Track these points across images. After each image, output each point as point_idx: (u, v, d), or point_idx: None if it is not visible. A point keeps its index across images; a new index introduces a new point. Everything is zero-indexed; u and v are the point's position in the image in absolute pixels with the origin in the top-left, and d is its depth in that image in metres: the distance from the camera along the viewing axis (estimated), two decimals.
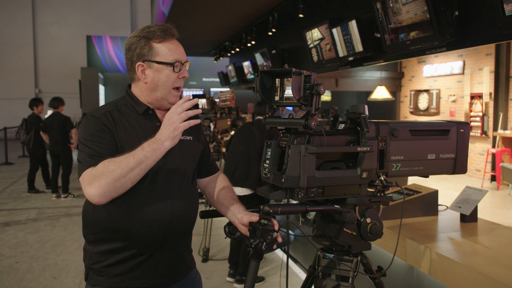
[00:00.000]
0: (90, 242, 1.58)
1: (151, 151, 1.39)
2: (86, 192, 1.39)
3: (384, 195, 1.50)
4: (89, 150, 1.45)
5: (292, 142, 1.33)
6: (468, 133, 1.58)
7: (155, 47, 1.55)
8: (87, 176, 1.39)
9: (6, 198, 7.40)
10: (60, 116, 7.36)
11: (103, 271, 1.54)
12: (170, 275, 1.62)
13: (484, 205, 6.75)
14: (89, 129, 1.51)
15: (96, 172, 1.38)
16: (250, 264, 1.44)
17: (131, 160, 1.38)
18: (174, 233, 1.59)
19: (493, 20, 3.48)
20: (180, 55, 1.57)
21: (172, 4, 8.26)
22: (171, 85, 1.56)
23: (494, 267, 1.64)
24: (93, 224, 1.55)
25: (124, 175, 1.37)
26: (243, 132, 4.03)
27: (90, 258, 1.57)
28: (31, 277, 4.00)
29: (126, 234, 1.51)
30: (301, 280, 1.69)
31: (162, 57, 1.54)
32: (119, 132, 1.52)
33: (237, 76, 11.68)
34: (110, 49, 19.47)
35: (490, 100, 8.98)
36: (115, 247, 1.52)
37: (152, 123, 1.59)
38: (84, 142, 1.49)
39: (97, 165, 1.40)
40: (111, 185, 1.36)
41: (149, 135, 1.51)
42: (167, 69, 1.54)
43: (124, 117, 1.57)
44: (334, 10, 6.32)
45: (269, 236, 1.41)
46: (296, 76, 1.28)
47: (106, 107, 1.59)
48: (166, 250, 1.59)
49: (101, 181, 1.36)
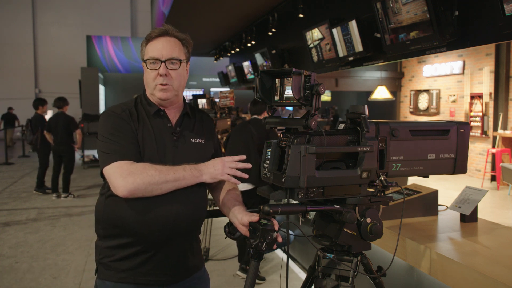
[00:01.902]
0: (100, 237, 1.63)
1: (190, 176, 1.50)
2: (116, 182, 1.44)
3: (384, 195, 1.50)
4: (117, 143, 1.50)
5: (292, 142, 1.33)
6: (468, 133, 1.58)
7: (146, 48, 1.63)
8: (122, 169, 1.45)
9: (6, 198, 7.39)
10: (64, 116, 7.37)
11: (111, 265, 1.58)
12: (174, 273, 1.64)
13: (484, 205, 6.75)
14: (112, 123, 1.55)
15: (135, 169, 1.44)
16: (250, 264, 1.44)
17: (171, 174, 1.47)
18: (178, 233, 1.61)
19: (493, 20, 3.48)
20: (157, 52, 1.59)
21: (172, 4, 8.26)
22: (152, 82, 1.61)
23: (494, 267, 1.64)
24: (103, 219, 1.59)
25: (159, 183, 1.45)
26: (240, 131, 4.06)
27: (100, 253, 1.62)
28: (31, 277, 4.00)
29: (133, 231, 1.55)
30: (301, 280, 1.69)
31: (145, 56, 1.62)
32: (138, 129, 1.57)
33: (237, 76, 11.67)
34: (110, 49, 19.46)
35: (490, 100, 8.98)
36: (123, 243, 1.56)
37: (164, 123, 1.64)
38: (108, 136, 1.53)
39: (137, 164, 1.46)
40: (144, 186, 1.44)
41: (162, 135, 1.59)
42: (146, 67, 1.61)
43: (140, 116, 1.61)
44: (334, 10, 6.32)
45: (269, 236, 1.41)
46: (296, 76, 1.28)
47: (125, 104, 1.65)
48: (171, 249, 1.61)
49: (136, 178, 1.43)
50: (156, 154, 1.56)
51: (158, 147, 1.58)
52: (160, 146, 1.59)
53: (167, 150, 1.59)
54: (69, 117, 7.42)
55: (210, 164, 1.55)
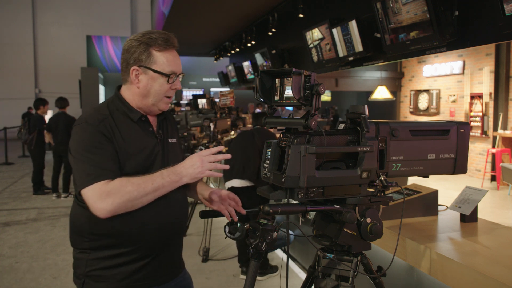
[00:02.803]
0: (84, 249, 1.54)
1: (169, 182, 1.45)
2: (95, 206, 1.39)
3: (384, 195, 1.50)
4: (94, 162, 1.43)
5: (292, 142, 1.33)
6: (468, 133, 1.58)
7: (154, 55, 1.55)
8: (99, 191, 1.39)
9: (6, 198, 7.39)
10: (65, 116, 7.38)
11: (104, 276, 1.52)
12: (169, 273, 1.65)
13: (484, 205, 6.75)
14: (88, 139, 1.47)
15: (112, 189, 1.39)
16: (250, 264, 1.44)
17: (149, 185, 1.42)
18: (173, 235, 1.62)
19: (493, 20, 3.48)
20: (177, 67, 1.58)
21: (172, 4, 8.26)
22: (163, 94, 1.57)
23: (494, 267, 1.64)
24: (90, 231, 1.52)
25: (138, 198, 1.42)
26: (243, 136, 4.14)
27: (86, 265, 1.53)
28: (31, 277, 4.00)
29: (128, 238, 1.51)
30: (301, 280, 1.69)
31: (159, 66, 1.55)
32: (117, 141, 1.50)
33: (237, 76, 11.67)
34: (110, 49, 19.47)
35: (490, 100, 8.98)
36: (117, 253, 1.51)
37: (146, 129, 1.60)
38: (84, 153, 1.45)
39: (113, 182, 1.40)
40: (124, 204, 1.40)
41: (143, 142, 1.55)
42: (162, 79, 1.55)
43: (119, 124, 1.54)
44: (334, 10, 6.32)
45: (269, 236, 1.41)
46: (296, 76, 1.28)
47: (100, 112, 1.55)
48: (168, 249, 1.61)
49: (115, 199, 1.39)
50: (146, 160, 1.54)
51: (146, 153, 1.55)
52: (148, 152, 1.56)
53: (155, 155, 1.58)
54: (70, 117, 7.43)
55: (188, 164, 1.48)
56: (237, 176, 3.87)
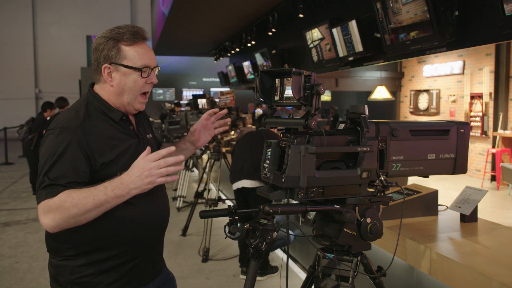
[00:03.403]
0: (69, 256, 1.49)
1: (114, 197, 1.35)
2: (40, 220, 1.38)
3: (384, 195, 1.50)
4: (52, 177, 1.37)
5: (292, 142, 1.33)
6: (468, 133, 1.58)
7: (123, 50, 1.49)
8: (44, 207, 1.36)
9: (6, 198, 7.39)
10: None
11: (93, 281, 1.48)
12: (155, 271, 1.65)
13: (484, 205, 6.74)
14: (61, 147, 1.40)
15: (52, 205, 1.34)
16: (250, 264, 1.44)
17: (90, 201, 1.33)
18: (159, 234, 1.63)
19: (493, 20, 3.48)
20: (149, 59, 1.52)
21: (172, 4, 8.26)
22: (138, 91, 1.52)
23: (494, 267, 1.64)
24: (74, 238, 1.47)
25: (79, 215, 1.34)
26: (250, 137, 4.16)
27: (72, 273, 1.48)
28: (31, 277, 4.00)
29: (115, 241, 1.49)
30: (301, 280, 1.69)
31: (130, 61, 1.49)
32: (97, 145, 1.44)
33: (237, 76, 11.67)
34: None
35: (490, 100, 8.97)
36: (103, 256, 1.48)
37: (127, 129, 1.56)
38: (53, 163, 1.38)
39: (55, 198, 1.34)
40: (65, 221, 1.35)
41: (127, 143, 1.52)
42: (135, 74, 1.50)
43: (100, 127, 1.48)
44: (334, 10, 6.32)
45: (269, 236, 1.41)
46: (296, 76, 1.28)
47: (79, 115, 1.48)
48: (153, 248, 1.62)
49: (55, 215, 1.34)
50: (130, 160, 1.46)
51: (130, 154, 1.52)
52: (131, 152, 1.53)
53: (138, 154, 1.49)
54: None
55: (135, 174, 1.35)
56: (247, 176, 3.88)
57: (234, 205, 1.49)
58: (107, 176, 1.43)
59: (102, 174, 1.45)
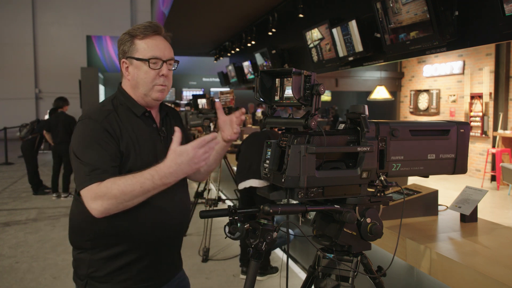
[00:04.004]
0: (86, 249, 1.53)
1: (161, 185, 1.41)
2: (88, 206, 1.40)
3: (384, 195, 1.50)
4: (92, 161, 1.42)
5: (292, 142, 1.33)
6: (468, 133, 1.58)
7: (136, 44, 1.54)
8: (90, 193, 1.39)
9: (6, 198, 7.39)
10: (65, 115, 7.38)
11: (108, 277, 1.51)
12: (170, 272, 1.65)
13: (484, 205, 6.75)
14: (89, 135, 1.46)
15: (100, 192, 1.38)
16: (250, 264, 1.44)
17: (138, 188, 1.38)
18: (176, 233, 1.62)
19: (493, 20, 3.48)
20: (159, 51, 1.54)
21: (172, 4, 8.26)
22: (150, 82, 1.54)
23: (494, 267, 1.64)
24: (92, 230, 1.51)
25: (127, 200, 1.39)
26: (257, 137, 4.15)
27: (89, 266, 1.52)
28: (31, 277, 4.00)
29: (131, 237, 1.50)
30: (301, 280, 1.69)
31: (140, 53, 1.53)
32: (123, 137, 1.49)
33: (237, 76, 11.67)
34: (110, 49, 19.45)
35: (490, 100, 8.98)
36: (120, 251, 1.51)
37: (150, 125, 1.59)
38: (84, 149, 1.44)
39: (102, 184, 1.39)
40: (114, 206, 1.39)
41: (148, 139, 1.54)
42: (145, 66, 1.53)
43: (123, 119, 1.53)
44: (334, 10, 6.32)
45: (269, 236, 1.41)
46: (296, 76, 1.28)
47: (104, 108, 1.54)
48: (170, 248, 1.62)
49: (103, 201, 1.38)
50: (151, 157, 1.52)
51: (150, 150, 1.54)
52: (151, 148, 1.55)
53: (159, 151, 1.55)
54: (69, 117, 7.43)
55: (184, 161, 1.39)
56: (255, 176, 3.88)
57: (234, 205, 1.49)
58: (128, 170, 1.47)
59: (123, 167, 1.48)
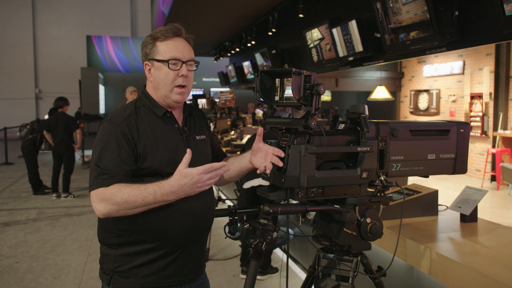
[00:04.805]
0: (112, 245, 1.58)
1: (162, 201, 1.45)
2: (93, 206, 1.47)
3: (384, 195, 1.50)
4: (102, 166, 1.48)
5: (292, 142, 1.33)
6: (468, 133, 1.58)
7: (157, 46, 1.58)
8: (97, 195, 1.46)
9: (6, 198, 7.39)
10: (65, 115, 7.38)
11: (131, 272, 1.55)
12: (193, 272, 1.66)
13: (484, 205, 6.75)
14: (108, 138, 1.52)
15: (104, 196, 1.44)
16: (250, 264, 1.44)
17: (140, 200, 1.43)
18: (201, 233, 1.63)
19: (493, 20, 3.48)
20: (178, 52, 1.57)
21: (172, 4, 8.26)
22: (170, 83, 1.57)
23: (494, 267, 1.64)
24: (117, 227, 1.55)
25: (128, 209, 1.45)
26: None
27: (114, 261, 1.57)
28: (31, 277, 4.00)
29: (156, 234, 1.53)
30: (301, 280, 1.69)
31: (160, 55, 1.57)
32: (140, 138, 1.53)
33: (237, 76, 11.68)
34: (110, 49, 19.46)
35: (490, 100, 8.98)
36: (145, 248, 1.54)
37: (171, 125, 1.61)
38: (99, 152, 1.50)
39: (108, 189, 1.45)
40: (115, 211, 1.45)
41: (169, 139, 1.57)
42: (165, 67, 1.56)
43: (144, 121, 1.57)
44: (334, 10, 6.32)
45: (269, 236, 1.41)
46: (296, 76, 1.28)
47: (126, 110, 1.59)
48: (193, 249, 1.63)
49: (107, 205, 1.44)
50: (171, 156, 1.55)
51: (170, 149, 1.57)
52: (172, 148, 1.57)
53: (180, 151, 1.57)
54: (69, 117, 7.43)
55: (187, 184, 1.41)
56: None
57: (234, 205, 1.49)
58: (146, 169, 1.52)
59: (142, 167, 1.52)
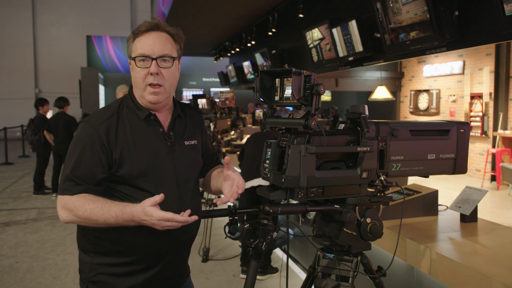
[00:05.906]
0: (88, 252, 1.51)
1: (122, 223, 1.38)
2: (57, 210, 1.45)
3: (384, 195, 1.50)
4: (71, 169, 1.43)
5: (292, 142, 1.33)
6: (468, 133, 1.58)
7: (134, 43, 1.49)
8: (61, 202, 1.44)
9: (6, 198, 7.39)
10: (65, 115, 7.40)
11: (107, 283, 1.49)
12: (176, 282, 1.63)
13: (484, 205, 6.74)
14: (82, 141, 1.45)
15: (68, 206, 1.41)
16: (250, 264, 1.44)
17: (101, 220, 1.38)
18: (183, 246, 1.59)
19: (493, 20, 3.48)
20: (147, 48, 1.45)
21: (172, 4, 8.27)
22: (142, 82, 1.46)
23: (494, 267, 1.64)
24: (94, 234, 1.49)
25: (89, 224, 1.42)
26: (261, 137, 4.09)
27: (90, 270, 1.50)
28: (31, 277, 4.00)
29: (133, 247, 1.47)
30: (301, 280, 1.69)
31: (133, 52, 1.48)
32: (118, 143, 1.45)
33: (237, 76, 11.68)
34: (110, 49, 19.46)
35: (490, 100, 8.98)
36: (121, 261, 1.48)
37: (155, 129, 1.51)
38: (73, 153, 1.45)
39: (72, 199, 1.41)
40: (76, 223, 1.44)
41: (149, 144, 1.48)
42: (135, 65, 1.48)
43: (124, 124, 1.48)
44: (334, 10, 6.32)
45: (269, 236, 1.41)
46: (296, 76, 1.28)
47: (108, 111, 1.50)
48: (175, 262, 1.58)
49: (69, 214, 1.42)
50: (151, 163, 1.47)
51: (151, 155, 1.48)
52: (153, 154, 1.48)
53: (162, 158, 1.50)
54: (69, 117, 7.44)
55: (146, 221, 1.34)
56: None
57: (234, 205, 1.49)
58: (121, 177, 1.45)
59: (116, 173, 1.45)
